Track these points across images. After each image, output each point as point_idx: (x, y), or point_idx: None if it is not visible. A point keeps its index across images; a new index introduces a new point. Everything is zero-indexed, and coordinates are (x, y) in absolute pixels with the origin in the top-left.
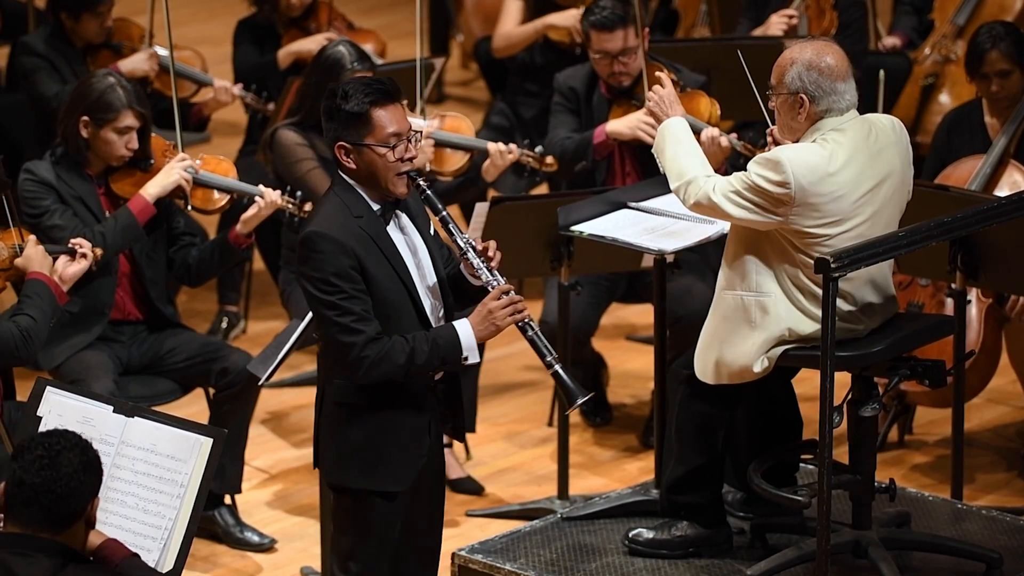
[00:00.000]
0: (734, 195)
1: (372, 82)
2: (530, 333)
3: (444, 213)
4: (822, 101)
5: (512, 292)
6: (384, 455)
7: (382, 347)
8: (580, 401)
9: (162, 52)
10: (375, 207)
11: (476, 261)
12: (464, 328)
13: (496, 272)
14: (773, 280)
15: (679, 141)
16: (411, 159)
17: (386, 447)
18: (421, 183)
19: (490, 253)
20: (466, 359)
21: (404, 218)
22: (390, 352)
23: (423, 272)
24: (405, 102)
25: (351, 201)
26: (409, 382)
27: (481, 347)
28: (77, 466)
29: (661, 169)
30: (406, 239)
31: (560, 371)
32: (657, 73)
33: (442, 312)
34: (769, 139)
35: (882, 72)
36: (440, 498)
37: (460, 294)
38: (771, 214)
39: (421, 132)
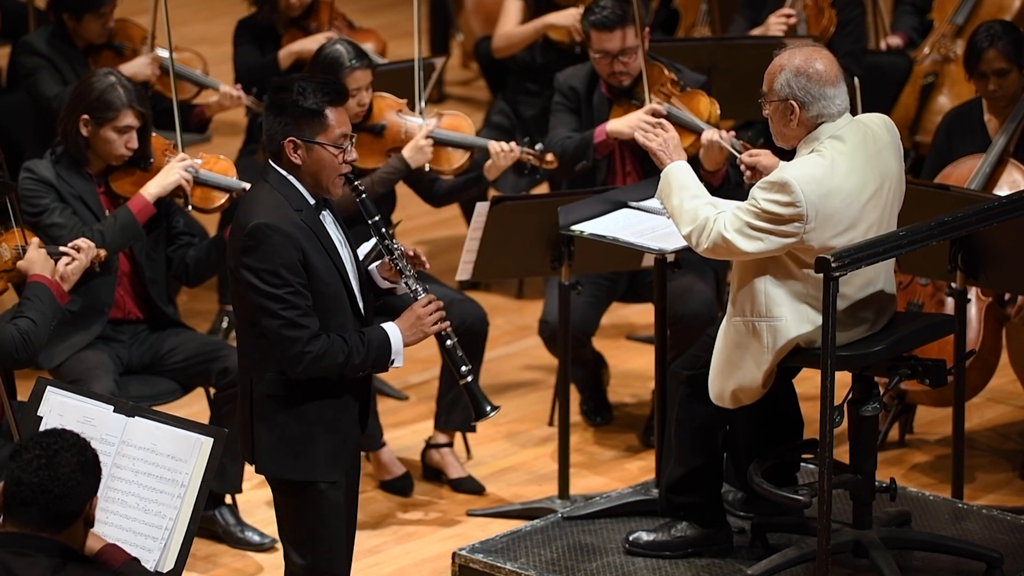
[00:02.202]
0: (747, 228)
1: (328, 82)
2: (449, 343)
3: (377, 217)
4: (812, 107)
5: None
6: (321, 445)
7: (323, 344)
8: (488, 414)
9: (163, 54)
10: (311, 201)
11: (405, 268)
12: (394, 332)
13: (419, 281)
14: (783, 302)
15: (685, 187)
16: (352, 161)
17: (323, 437)
18: (358, 185)
19: (422, 259)
20: (393, 362)
21: (330, 214)
22: (331, 349)
23: (352, 267)
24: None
25: (289, 194)
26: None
27: None
28: (75, 466)
29: (666, 216)
30: (338, 234)
31: (472, 384)
32: (662, 120)
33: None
34: (746, 172)
35: (856, 80)
36: (357, 487)
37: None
38: (785, 237)
39: (356, 136)
